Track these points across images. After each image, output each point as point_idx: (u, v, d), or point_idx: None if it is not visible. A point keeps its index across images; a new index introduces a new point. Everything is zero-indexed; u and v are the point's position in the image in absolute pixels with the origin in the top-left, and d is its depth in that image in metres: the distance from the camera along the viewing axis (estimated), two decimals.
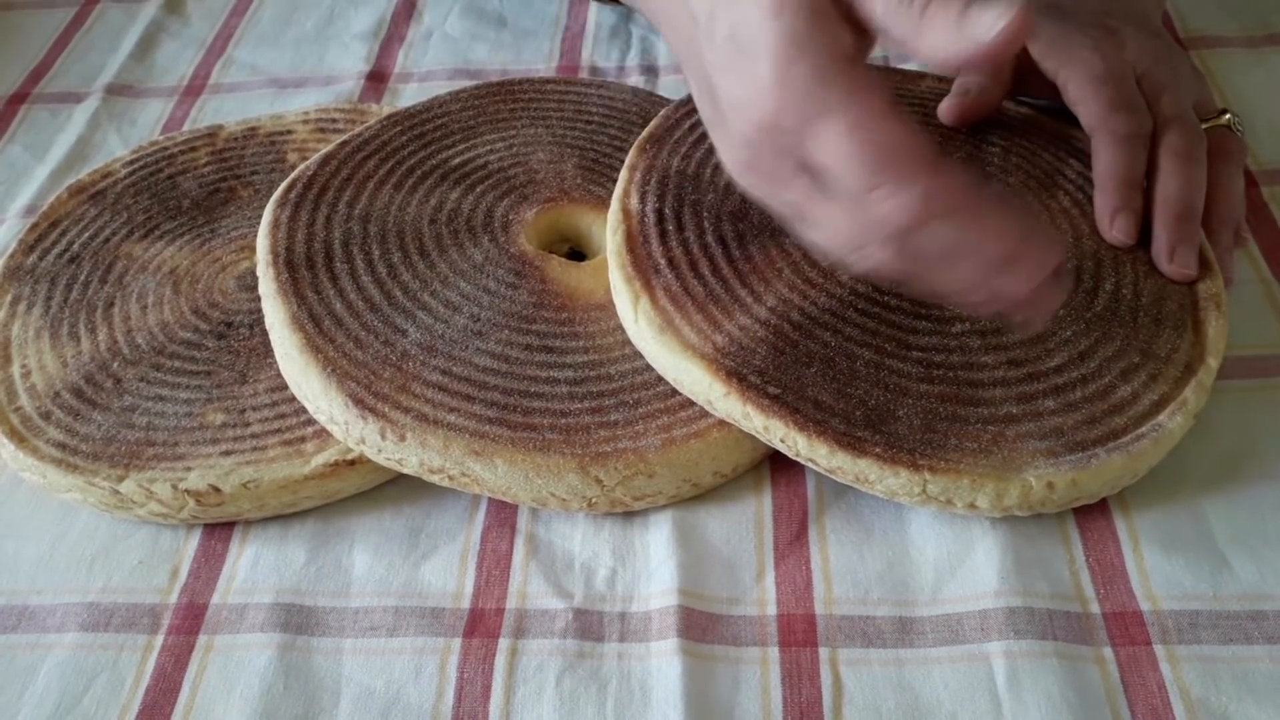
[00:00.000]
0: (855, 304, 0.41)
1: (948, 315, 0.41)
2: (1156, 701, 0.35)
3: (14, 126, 0.63)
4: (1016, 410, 0.39)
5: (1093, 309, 0.42)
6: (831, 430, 0.37)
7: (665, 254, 0.42)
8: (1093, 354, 0.40)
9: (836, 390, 0.38)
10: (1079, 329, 0.41)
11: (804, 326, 0.40)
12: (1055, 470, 0.37)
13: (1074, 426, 0.38)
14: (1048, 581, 0.38)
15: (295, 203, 0.46)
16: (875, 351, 0.40)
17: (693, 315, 0.40)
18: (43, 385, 0.44)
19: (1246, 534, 0.39)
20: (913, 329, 0.41)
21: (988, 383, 0.39)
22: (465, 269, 0.44)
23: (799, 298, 0.41)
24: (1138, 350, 0.41)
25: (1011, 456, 0.37)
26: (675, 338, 0.39)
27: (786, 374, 0.38)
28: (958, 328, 0.41)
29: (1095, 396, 0.39)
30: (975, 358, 0.40)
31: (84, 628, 0.39)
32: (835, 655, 0.36)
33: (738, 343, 0.39)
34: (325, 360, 0.40)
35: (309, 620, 0.38)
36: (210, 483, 0.40)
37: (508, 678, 0.36)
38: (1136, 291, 0.43)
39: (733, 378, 0.38)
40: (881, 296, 0.42)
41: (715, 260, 0.42)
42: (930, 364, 0.40)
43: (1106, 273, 0.43)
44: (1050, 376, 0.40)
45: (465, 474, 0.39)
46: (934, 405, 0.38)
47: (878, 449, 0.37)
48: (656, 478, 0.39)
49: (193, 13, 0.72)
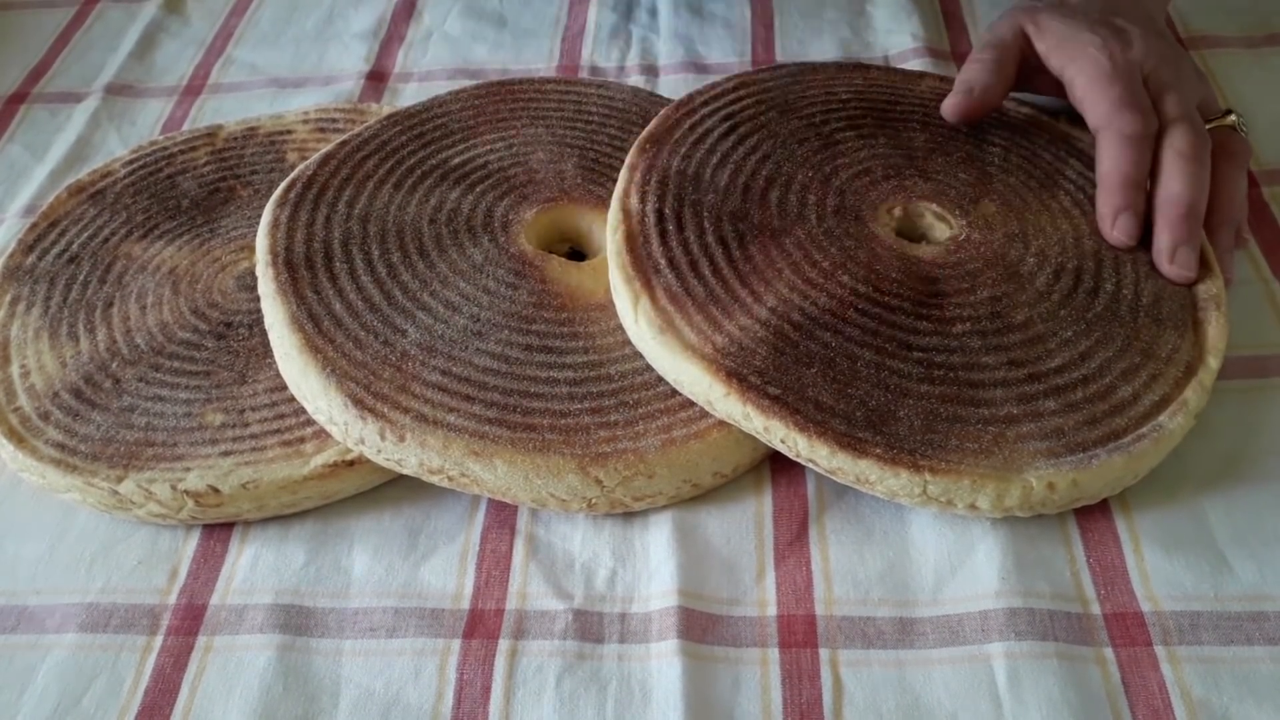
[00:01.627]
0: (855, 304, 0.41)
1: (948, 315, 0.41)
2: (1157, 702, 0.35)
3: (13, 126, 0.63)
4: (1017, 411, 0.38)
5: (1093, 309, 0.42)
6: (832, 431, 0.37)
7: (665, 254, 0.42)
8: (1093, 355, 0.40)
9: (837, 391, 0.38)
10: (1079, 330, 0.41)
11: (804, 327, 0.40)
12: (1056, 471, 0.37)
13: (1075, 427, 0.38)
14: (1048, 582, 0.38)
15: (295, 202, 0.46)
16: (876, 352, 0.39)
17: (693, 315, 0.40)
18: (42, 385, 0.44)
19: (1247, 534, 0.39)
20: (913, 329, 0.40)
21: (988, 383, 0.39)
22: (465, 269, 0.44)
23: (799, 298, 0.41)
24: (1138, 351, 0.41)
25: (1012, 457, 0.37)
26: (675, 338, 0.39)
27: (787, 374, 0.38)
28: (959, 328, 0.41)
29: (1096, 397, 0.39)
30: (976, 358, 0.40)
31: (83, 628, 0.39)
32: (835, 656, 0.36)
33: (738, 343, 0.39)
34: (325, 360, 0.40)
35: (308, 621, 0.38)
36: (209, 483, 0.40)
37: (507, 679, 0.36)
38: (1137, 292, 0.43)
39: (733, 378, 0.38)
40: (882, 297, 0.41)
41: (715, 260, 0.42)
42: (931, 364, 0.39)
43: (1107, 273, 0.43)
44: (1051, 377, 0.40)
45: (465, 474, 0.39)
46: (935, 406, 0.38)
47: (878, 450, 0.37)
48: (656, 478, 0.39)
49: (192, 12, 0.72)
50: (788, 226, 0.44)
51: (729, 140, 0.47)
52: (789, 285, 0.41)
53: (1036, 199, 0.46)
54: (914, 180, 0.47)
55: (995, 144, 0.49)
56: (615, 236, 0.43)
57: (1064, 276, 0.43)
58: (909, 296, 0.41)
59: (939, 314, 0.41)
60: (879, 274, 0.42)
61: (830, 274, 0.42)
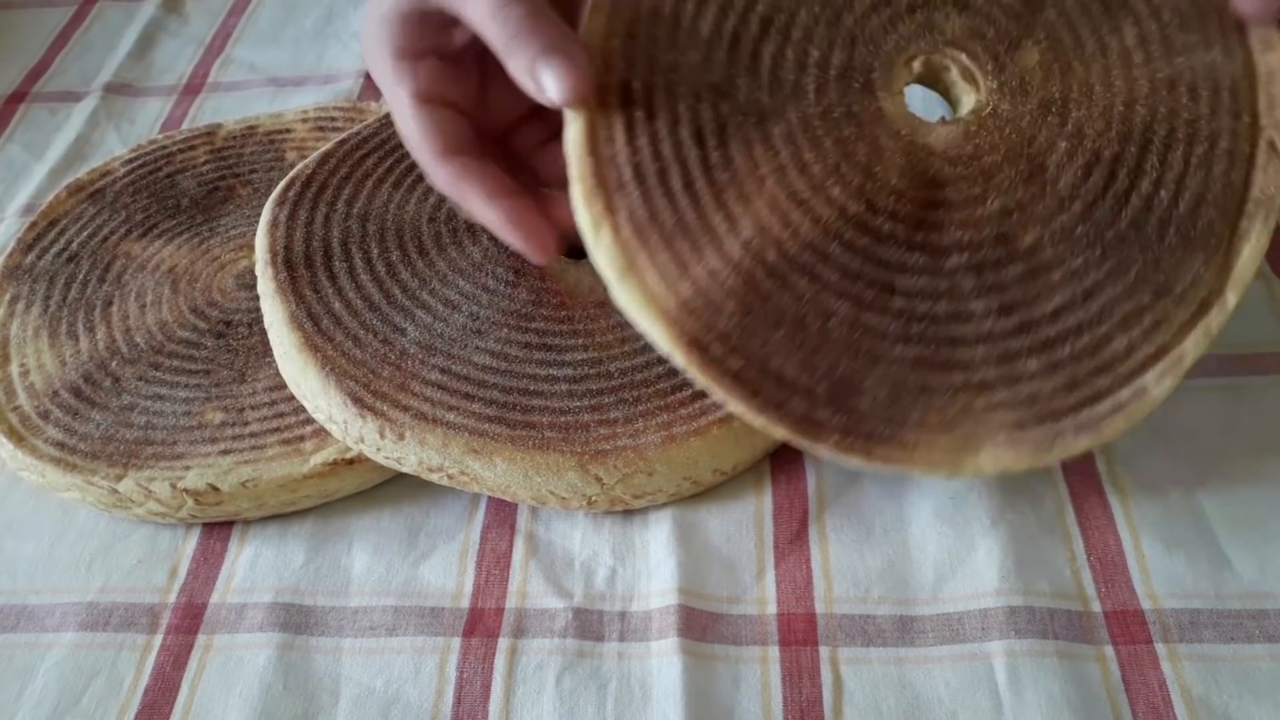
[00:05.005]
0: (842, 233, 0.35)
1: (946, 242, 0.36)
2: (1157, 700, 0.34)
3: (13, 125, 0.63)
4: (993, 375, 0.35)
5: (1116, 225, 0.36)
6: (790, 414, 0.34)
7: (631, 158, 0.35)
8: (1098, 292, 0.36)
9: (803, 360, 0.35)
10: (1092, 256, 0.36)
11: (778, 271, 0.35)
12: (1014, 453, 0.35)
13: (1051, 393, 0.35)
14: (1049, 580, 0.38)
15: (294, 201, 0.46)
16: (854, 303, 0.35)
17: (658, 253, 0.35)
18: (41, 384, 0.44)
19: (1248, 532, 0.39)
20: (901, 265, 0.36)
21: (970, 339, 0.35)
22: (464, 267, 0.44)
23: (779, 224, 0.35)
24: (1150, 288, 0.36)
25: (974, 431, 0.35)
26: (638, 284, 0.35)
27: (752, 339, 0.34)
28: (954, 260, 0.36)
29: (1084, 353, 0.35)
30: (964, 304, 0.36)
31: (82, 627, 0.39)
32: (835, 654, 0.36)
33: (704, 294, 0.34)
34: (324, 359, 0.40)
35: (308, 620, 0.38)
36: (209, 482, 0.40)
37: (507, 677, 0.36)
38: (1176, 193, 0.37)
39: (694, 348, 0.34)
40: (874, 219, 0.36)
41: (689, 166, 0.35)
42: (912, 316, 0.35)
43: (1149, 164, 0.37)
44: (1042, 326, 0.36)
45: (464, 472, 0.38)
46: (904, 373, 0.35)
47: (834, 436, 0.34)
48: (656, 475, 0.39)
49: (191, 11, 0.72)
50: (779, 106, 0.36)
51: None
52: (770, 203, 0.35)
53: (1094, 35, 0.38)
54: (945, 9, 0.38)
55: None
56: (575, 123, 0.35)
57: (1096, 171, 0.37)
58: (906, 215, 0.36)
59: (935, 240, 0.36)
60: (877, 181, 0.36)
61: (819, 185, 0.36)
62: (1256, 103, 0.38)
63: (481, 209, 0.37)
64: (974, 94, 0.38)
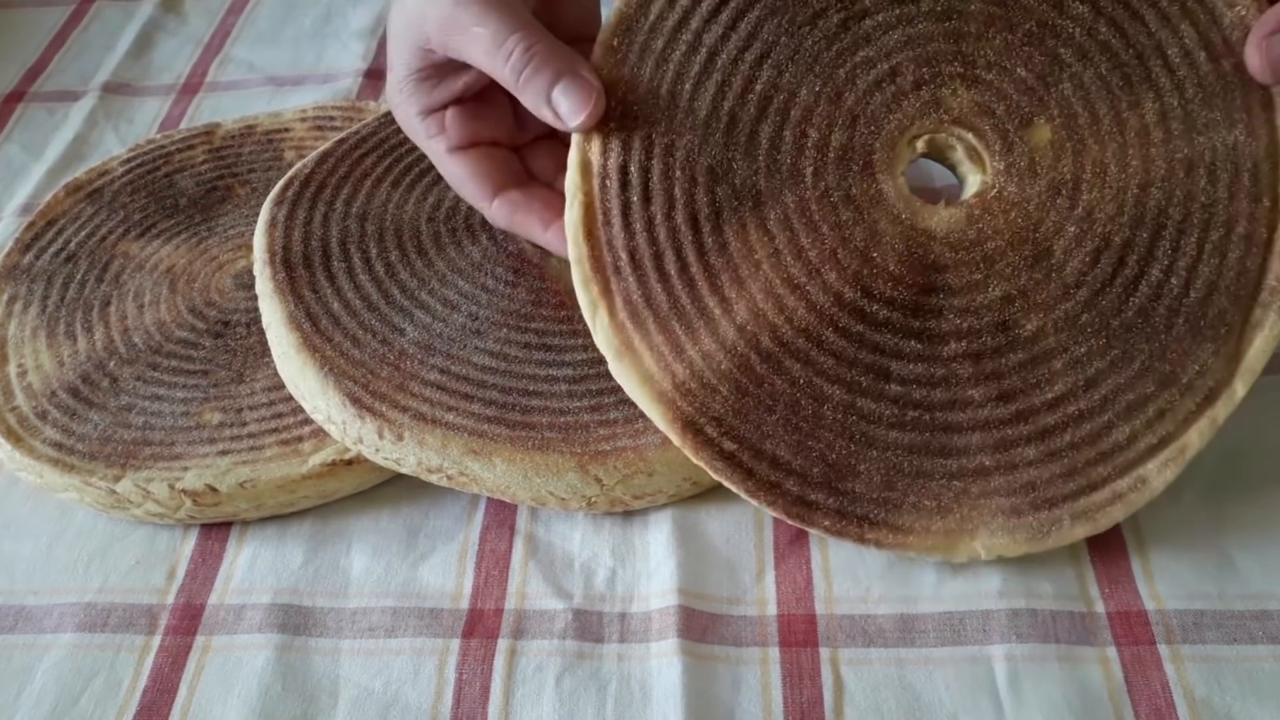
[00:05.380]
0: (837, 319, 0.35)
1: (944, 329, 0.36)
2: (1160, 702, 0.34)
3: (11, 125, 0.63)
4: (990, 462, 0.35)
5: (1123, 313, 0.36)
6: (784, 496, 0.35)
7: (627, 244, 0.35)
8: (1101, 382, 0.35)
9: (797, 444, 0.35)
10: (1096, 345, 0.35)
11: (773, 356, 0.35)
12: (1009, 540, 0.35)
13: (1048, 481, 0.35)
14: (1051, 582, 0.37)
15: (292, 201, 0.46)
16: (848, 388, 0.35)
17: (653, 336, 0.35)
18: (39, 384, 0.44)
19: (1252, 534, 0.38)
20: (897, 352, 0.35)
21: (966, 426, 0.35)
22: (463, 267, 0.44)
23: (774, 309, 0.35)
24: (1156, 378, 0.35)
25: (969, 515, 0.35)
26: (634, 364, 0.35)
27: (746, 422, 0.35)
28: (951, 348, 0.36)
29: (1084, 442, 0.35)
30: (960, 392, 0.35)
31: (81, 628, 0.39)
32: (836, 655, 0.36)
33: (699, 377, 0.35)
34: (322, 359, 0.40)
35: (307, 621, 0.38)
36: (207, 482, 0.40)
37: (507, 678, 0.36)
38: (1188, 280, 0.35)
39: (689, 430, 0.35)
40: (870, 305, 0.36)
41: (684, 252, 0.35)
42: (907, 403, 0.35)
43: (1161, 250, 0.36)
44: (1041, 414, 0.35)
45: (464, 473, 0.38)
46: (899, 458, 0.35)
47: (827, 520, 0.35)
48: (656, 476, 0.39)
49: (190, 11, 0.72)
50: (776, 189, 0.36)
51: (719, 23, 0.37)
52: (764, 289, 0.35)
53: (1110, 111, 0.36)
54: (953, 84, 0.37)
55: (1081, 5, 0.37)
56: (574, 206, 0.36)
57: (1105, 257, 0.36)
58: (903, 301, 0.36)
59: (934, 326, 0.36)
60: (874, 266, 0.36)
61: (815, 271, 0.35)
62: (1278, 185, 0.37)
63: (540, 236, 0.40)
64: (980, 174, 0.37)
